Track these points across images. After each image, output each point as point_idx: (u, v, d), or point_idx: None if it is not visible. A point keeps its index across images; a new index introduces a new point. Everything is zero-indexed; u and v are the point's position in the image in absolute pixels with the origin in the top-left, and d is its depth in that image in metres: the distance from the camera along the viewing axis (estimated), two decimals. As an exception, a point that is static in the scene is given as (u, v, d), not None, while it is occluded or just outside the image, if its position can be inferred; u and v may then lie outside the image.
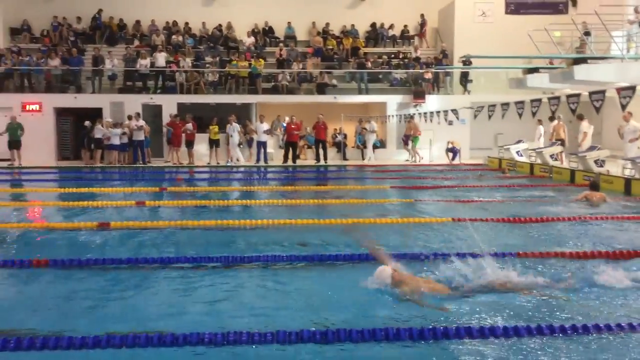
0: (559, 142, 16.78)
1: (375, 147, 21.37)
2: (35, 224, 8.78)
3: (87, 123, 19.42)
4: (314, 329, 4.09)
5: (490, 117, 14.69)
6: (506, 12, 22.01)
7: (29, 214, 10.30)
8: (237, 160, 20.06)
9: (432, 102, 21.50)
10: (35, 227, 8.44)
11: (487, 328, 4.10)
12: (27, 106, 20.37)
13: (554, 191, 12.40)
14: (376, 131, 21.18)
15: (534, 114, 12.41)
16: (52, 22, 24.08)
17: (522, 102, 13.06)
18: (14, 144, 18.98)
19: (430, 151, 20.52)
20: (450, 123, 18.11)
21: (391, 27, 25.61)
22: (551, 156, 15.93)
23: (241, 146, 20.37)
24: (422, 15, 25.33)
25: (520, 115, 13.33)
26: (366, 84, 22.46)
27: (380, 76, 23.10)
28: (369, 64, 22.91)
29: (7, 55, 21.51)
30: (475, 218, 8.47)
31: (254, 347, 3.87)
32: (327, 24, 25.38)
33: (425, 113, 19.33)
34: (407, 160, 20.83)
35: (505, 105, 13.76)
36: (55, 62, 21.19)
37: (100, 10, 24.49)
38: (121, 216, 9.15)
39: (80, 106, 20.66)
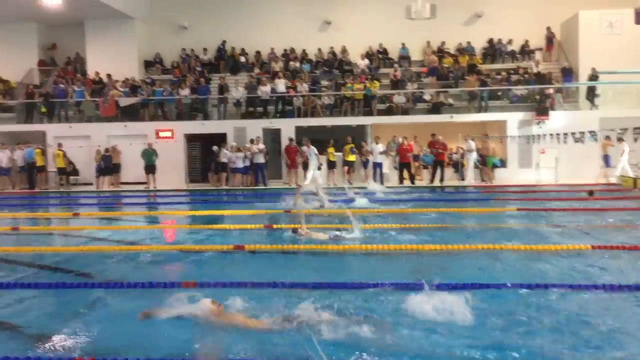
0: None
1: (495, 166, 20.66)
2: (176, 246, 9.32)
3: (214, 148, 20.58)
4: None
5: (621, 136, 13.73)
6: (636, 22, 20.53)
7: (166, 235, 10.99)
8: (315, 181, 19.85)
9: (557, 118, 20.48)
10: (174, 249, 9.00)
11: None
12: (161, 133, 21.99)
13: None
14: (474, 150, 20.40)
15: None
16: (181, 54, 25.93)
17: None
18: (150, 168, 20.58)
19: (556, 170, 19.47)
20: (579, 140, 17.11)
21: (509, 42, 24.80)
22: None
23: (320, 169, 20.11)
24: (548, 28, 24.24)
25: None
26: (486, 102, 21.88)
27: (500, 93, 22.39)
28: (488, 81, 22.34)
29: (142, 87, 23.44)
30: (617, 245, 7.91)
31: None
32: (443, 42, 25.12)
33: (546, 133, 18.43)
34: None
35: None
36: (185, 91, 22.75)
37: (224, 42, 26.04)
38: (252, 238, 9.52)
39: (207, 132, 21.99)
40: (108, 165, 20.90)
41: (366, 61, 24.71)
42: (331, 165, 20.42)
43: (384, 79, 23.77)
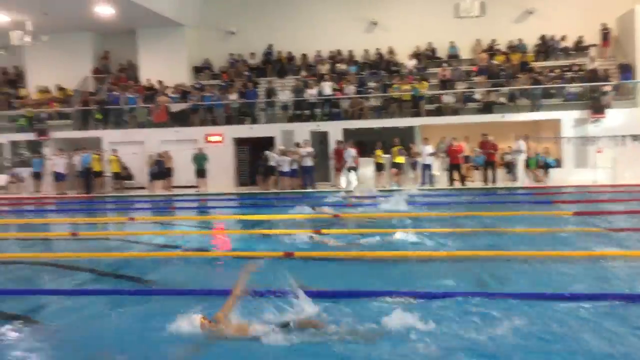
0: None
1: (548, 166, 20.10)
2: (226, 252, 9.40)
3: (267, 153, 20.68)
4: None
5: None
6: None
7: (216, 240, 11.11)
8: (349, 184, 19.98)
9: (614, 117, 19.73)
10: (226, 255, 9.08)
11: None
12: (210, 137, 22.37)
13: None
14: (523, 151, 19.84)
15: None
16: (229, 59, 26.30)
17: None
18: (200, 172, 20.96)
19: (614, 170, 18.76)
20: (638, 139, 16.44)
21: (563, 38, 24.04)
22: None
23: (354, 171, 20.17)
24: (603, 24, 23.35)
25: None
26: (539, 100, 21.29)
27: (553, 91, 21.74)
28: (541, 79, 21.72)
29: (192, 92, 23.90)
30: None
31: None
32: (493, 40, 24.58)
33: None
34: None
35: None
36: (233, 96, 23.06)
37: (271, 45, 26.25)
38: (304, 245, 9.51)
39: (255, 136, 22.23)
40: (160, 169, 21.40)
41: (414, 61, 24.43)
42: (379, 167, 20.28)
43: (433, 79, 23.45)
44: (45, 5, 21.74)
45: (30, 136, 23.75)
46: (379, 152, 20.23)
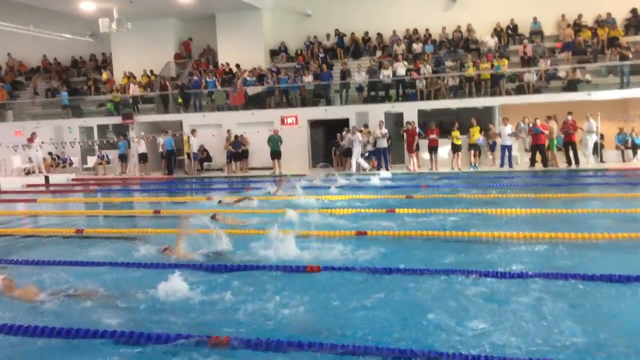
0: None
1: (637, 147, 18.88)
2: (296, 230, 9.43)
3: (343, 134, 20.73)
4: None
5: None
6: None
7: (290, 219, 11.13)
8: (363, 169, 19.92)
9: None
10: (298, 234, 9.12)
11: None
12: (285, 120, 22.63)
13: None
14: (594, 131, 18.64)
15: None
16: (305, 41, 26.39)
17: None
18: (275, 154, 21.25)
19: None
20: None
21: (657, 10, 22.37)
22: None
23: (366, 155, 20.32)
24: None
25: None
26: (627, 77, 19.98)
27: (646, 67, 20.32)
28: (630, 55, 20.34)
29: (268, 75, 24.22)
30: None
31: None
32: (579, 15, 23.22)
33: None
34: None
35: None
36: (308, 78, 23.16)
37: (337, 30, 25.99)
38: (376, 224, 9.47)
39: (330, 117, 22.26)
40: (237, 151, 21.90)
41: (495, 39, 23.51)
42: (456, 148, 19.76)
43: (513, 57, 22.52)
44: (131, -7, 22.67)
45: (117, 120, 24.95)
46: (455, 132, 19.71)
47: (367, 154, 20.53)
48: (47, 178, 20.99)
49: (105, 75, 28.05)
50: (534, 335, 4.43)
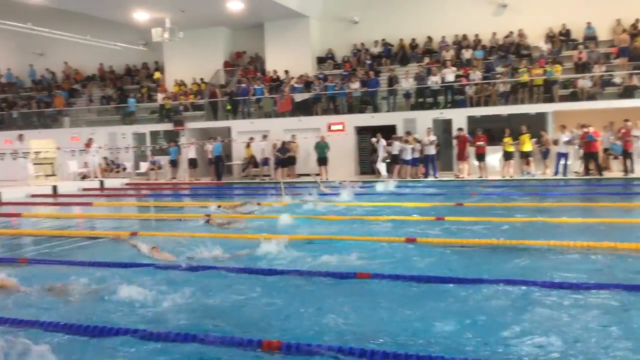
0: None
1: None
2: (348, 237, 9.40)
3: (393, 140, 20.75)
4: None
5: None
6: None
7: (339, 226, 11.12)
8: (380, 175, 20.13)
9: None
10: (348, 239, 9.08)
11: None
12: (332, 126, 22.67)
13: None
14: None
15: None
16: (352, 49, 26.41)
17: None
18: (322, 160, 21.33)
19: None
20: None
21: None
22: None
23: (387, 162, 20.39)
24: None
25: None
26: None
27: None
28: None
29: (315, 82, 24.35)
30: None
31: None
32: (637, 20, 22.40)
33: None
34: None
35: None
36: (355, 85, 23.16)
37: (384, 40, 25.90)
38: (425, 231, 9.36)
39: (377, 124, 22.18)
40: (285, 157, 22.07)
41: (548, 44, 22.95)
42: (508, 156, 19.36)
43: (567, 62, 21.93)
44: (183, 3, 23.21)
45: (168, 126, 25.55)
46: (507, 139, 19.32)
47: (388, 161, 20.65)
48: (102, 182, 21.67)
49: (157, 75, 28.90)
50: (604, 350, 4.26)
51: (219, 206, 13.05)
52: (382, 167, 20.66)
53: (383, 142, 20.53)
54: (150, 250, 7.96)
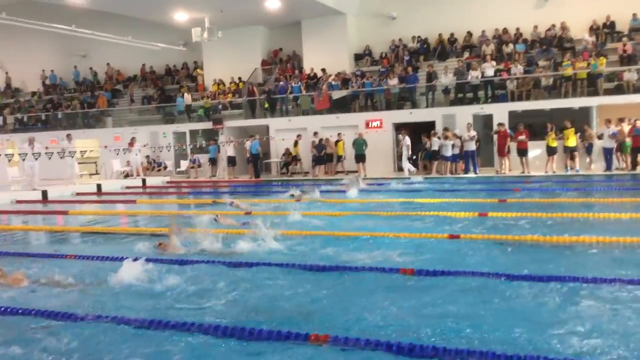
0: None
1: None
2: (386, 233, 9.33)
3: (434, 138, 20.55)
4: None
5: None
6: None
7: (381, 222, 11.05)
8: (410, 172, 20.03)
9: None
10: (387, 235, 9.02)
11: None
12: (370, 123, 22.59)
13: None
14: None
15: None
16: (390, 45, 26.23)
17: None
18: (360, 157, 21.27)
19: None
20: None
21: None
22: None
23: (412, 159, 20.53)
24: None
25: None
26: None
27: None
28: None
29: (352, 79, 24.28)
30: None
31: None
32: (686, 9, 21.63)
33: None
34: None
35: None
36: (393, 81, 23.00)
37: (420, 37, 25.63)
38: (469, 228, 9.24)
39: (415, 120, 21.98)
40: (322, 155, 22.09)
41: (592, 37, 22.33)
42: (551, 151, 18.93)
43: (611, 55, 21.30)
44: (222, 3, 23.46)
45: (207, 125, 25.88)
46: (551, 134, 18.89)
47: (413, 157, 20.67)
48: (144, 181, 22.11)
49: (197, 72, 29.35)
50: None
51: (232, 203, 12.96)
52: (406, 165, 20.43)
53: (407, 140, 20.29)
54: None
